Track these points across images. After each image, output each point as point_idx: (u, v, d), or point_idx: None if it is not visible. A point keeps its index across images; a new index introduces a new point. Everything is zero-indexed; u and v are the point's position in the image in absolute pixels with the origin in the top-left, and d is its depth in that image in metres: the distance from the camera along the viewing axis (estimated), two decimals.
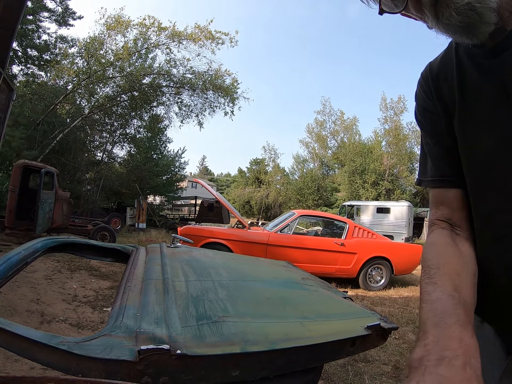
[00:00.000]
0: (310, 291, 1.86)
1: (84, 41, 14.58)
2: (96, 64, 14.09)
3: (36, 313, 3.61)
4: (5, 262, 1.59)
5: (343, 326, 1.45)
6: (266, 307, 1.52)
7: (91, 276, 5.55)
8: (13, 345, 1.02)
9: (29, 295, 4.11)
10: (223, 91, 15.80)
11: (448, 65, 0.77)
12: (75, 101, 15.49)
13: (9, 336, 1.00)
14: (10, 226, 7.13)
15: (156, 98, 16.30)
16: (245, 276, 1.98)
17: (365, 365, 3.17)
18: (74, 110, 15.28)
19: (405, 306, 5.44)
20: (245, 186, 36.84)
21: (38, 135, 12.40)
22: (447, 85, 0.76)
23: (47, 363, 1.02)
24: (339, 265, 6.53)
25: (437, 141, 0.82)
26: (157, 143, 19.56)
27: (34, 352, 1.00)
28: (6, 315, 3.33)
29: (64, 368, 0.99)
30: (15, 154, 10.49)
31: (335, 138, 34.55)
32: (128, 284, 1.56)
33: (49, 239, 2.13)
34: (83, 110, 15.38)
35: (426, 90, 0.82)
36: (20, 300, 3.86)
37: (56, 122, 13.52)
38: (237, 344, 1.10)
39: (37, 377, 0.61)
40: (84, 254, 2.50)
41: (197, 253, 2.46)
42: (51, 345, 0.98)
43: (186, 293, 1.50)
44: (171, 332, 1.10)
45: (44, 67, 14.60)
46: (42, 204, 7.09)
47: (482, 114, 0.69)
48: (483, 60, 0.68)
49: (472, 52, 0.69)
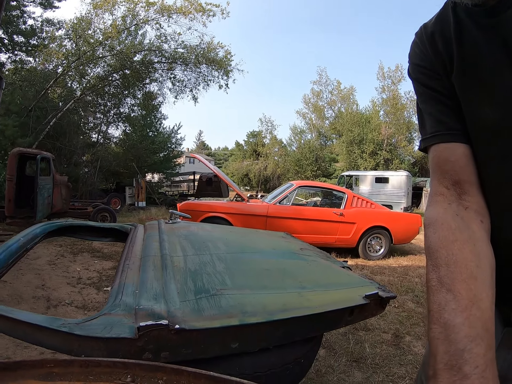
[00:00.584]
0: (308, 261, 1.87)
1: (71, 22, 14.12)
2: (85, 45, 13.72)
3: (42, 298, 3.64)
4: (5, 250, 1.59)
5: (342, 296, 1.46)
6: (265, 278, 1.52)
7: (94, 257, 5.59)
8: (16, 331, 1.03)
9: (34, 282, 4.14)
10: (217, 64, 15.52)
11: (444, 21, 0.72)
12: (66, 84, 15.18)
13: (12, 322, 1.01)
14: (10, 215, 7.12)
15: (148, 75, 15.99)
16: (243, 249, 1.98)
17: (366, 333, 3.24)
18: (65, 93, 14.99)
19: (404, 275, 5.50)
20: (243, 159, 36.73)
21: (31, 122, 12.22)
22: (443, 40, 0.72)
23: (51, 346, 1.03)
24: (339, 235, 6.57)
25: (434, 97, 0.75)
26: (152, 121, 19.37)
27: (38, 336, 1.01)
28: (13, 303, 3.36)
29: (67, 349, 1.00)
30: (9, 143, 10.37)
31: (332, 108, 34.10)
32: (127, 262, 1.56)
33: (48, 223, 2.12)
34: (75, 93, 15.09)
35: (421, 47, 0.77)
36: (26, 287, 3.90)
37: (49, 107, 13.31)
38: (236, 316, 1.11)
39: (36, 360, 0.62)
40: (84, 236, 2.50)
41: (195, 227, 2.46)
42: (53, 328, 0.98)
43: (185, 267, 1.51)
44: (170, 307, 1.11)
45: (32, 53, 14.20)
46: (41, 190, 7.06)
47: (483, 73, 0.66)
48: (483, 19, 0.65)
49: (472, 11, 0.66)
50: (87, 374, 0.62)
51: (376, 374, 2.58)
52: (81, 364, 0.63)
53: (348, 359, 2.75)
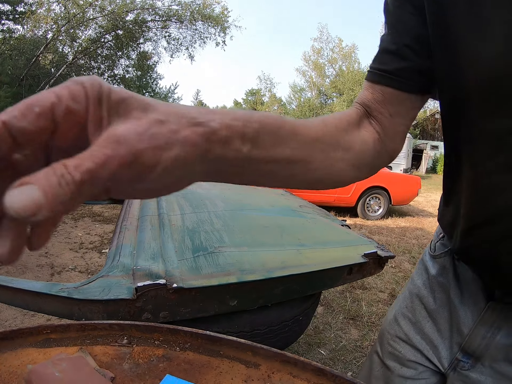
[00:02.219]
0: (307, 219, 1.85)
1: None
2: (74, 7, 13.20)
3: (46, 266, 3.69)
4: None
5: (341, 254, 1.45)
6: (263, 235, 1.51)
7: (95, 222, 5.61)
8: (17, 299, 1.02)
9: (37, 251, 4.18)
10: (213, 21, 15.03)
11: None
12: (57, 49, 14.75)
13: (12, 291, 1.00)
14: None
15: (142, 35, 15.53)
16: (241, 206, 1.96)
17: (363, 292, 3.32)
18: (57, 59, 14.61)
19: (402, 236, 5.56)
20: None
21: (24, 91, 12.02)
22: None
23: (52, 312, 1.02)
24: (338, 194, 6.56)
25: (398, 31, 0.58)
26: (148, 81, 19.03)
27: (38, 303, 1.00)
28: (18, 273, 3.41)
29: (68, 314, 1.00)
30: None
31: (333, 66, 33.26)
32: (124, 223, 1.54)
33: None
34: (66, 57, 14.70)
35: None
36: (29, 256, 3.93)
37: (41, 74, 13.05)
38: (234, 274, 1.10)
39: (33, 327, 0.61)
40: None
41: (192, 185, 2.43)
42: (52, 293, 0.98)
43: (182, 226, 1.49)
44: (168, 267, 1.10)
45: (19, 20, 13.69)
46: None
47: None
48: None
49: None
50: (83, 339, 0.62)
51: (372, 332, 2.67)
52: (77, 329, 0.62)
53: (345, 316, 2.83)
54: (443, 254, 0.76)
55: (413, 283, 0.83)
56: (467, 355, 0.69)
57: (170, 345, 0.62)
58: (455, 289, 0.72)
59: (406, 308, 0.82)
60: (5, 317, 2.61)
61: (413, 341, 0.78)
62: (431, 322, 0.76)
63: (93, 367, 0.55)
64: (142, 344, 0.62)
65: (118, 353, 0.60)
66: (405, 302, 0.83)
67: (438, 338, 0.74)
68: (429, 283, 0.78)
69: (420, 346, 0.77)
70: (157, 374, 0.55)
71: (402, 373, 0.79)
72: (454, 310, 0.71)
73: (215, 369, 0.57)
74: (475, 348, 0.67)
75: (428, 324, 0.76)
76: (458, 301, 0.71)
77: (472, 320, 0.68)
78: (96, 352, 0.59)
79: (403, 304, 0.83)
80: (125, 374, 0.55)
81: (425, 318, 0.77)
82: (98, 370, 0.54)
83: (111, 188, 0.27)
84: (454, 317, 0.71)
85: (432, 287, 0.77)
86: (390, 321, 0.85)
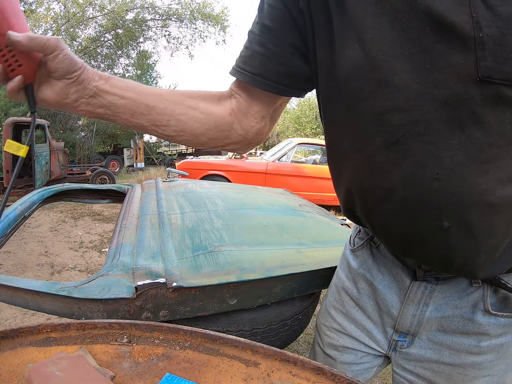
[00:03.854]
0: (307, 218, 1.85)
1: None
2: (74, 6, 13.19)
3: (46, 265, 3.69)
4: (3, 220, 1.56)
5: (340, 253, 1.44)
6: (263, 234, 1.50)
7: (94, 221, 5.62)
8: (16, 298, 1.02)
9: (37, 249, 4.18)
10: (213, 20, 15.02)
11: None
12: None
13: (11, 290, 1.00)
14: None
15: (142, 34, 15.54)
16: (241, 205, 1.95)
17: None
18: None
19: None
20: None
21: None
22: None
23: (52, 310, 1.02)
24: None
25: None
26: (147, 80, 19.00)
27: (38, 302, 1.00)
28: (18, 272, 3.42)
29: (68, 313, 0.99)
30: (3, 114, 10.21)
31: None
32: (124, 222, 1.54)
33: (44, 189, 2.09)
34: None
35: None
36: (29, 255, 3.94)
37: None
38: (234, 273, 1.10)
39: (33, 326, 0.61)
40: (82, 199, 2.48)
41: (192, 185, 2.42)
42: (52, 292, 0.97)
43: (182, 225, 1.49)
44: (167, 265, 1.10)
45: None
46: (38, 158, 6.99)
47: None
48: None
49: None
50: (83, 337, 0.62)
51: None
52: (77, 328, 0.63)
53: None
54: (361, 247, 0.80)
55: (337, 277, 0.88)
56: (403, 334, 0.72)
57: (170, 344, 0.62)
58: (377, 275, 0.75)
59: (336, 301, 0.86)
60: (5, 316, 2.61)
61: (347, 330, 0.81)
62: (360, 311, 0.79)
63: (93, 366, 0.55)
64: (142, 343, 0.62)
65: (118, 352, 0.60)
66: (333, 295, 0.87)
67: (370, 324, 0.77)
68: (352, 275, 0.82)
69: (355, 334, 0.80)
70: (157, 372, 0.56)
71: (343, 360, 0.82)
72: (380, 296, 0.74)
73: (215, 367, 0.57)
74: (409, 327, 0.70)
75: (358, 313, 0.80)
76: (382, 286, 0.73)
77: (399, 301, 0.70)
78: (96, 351, 0.59)
79: (332, 297, 0.88)
80: (125, 372, 0.55)
81: (353, 308, 0.81)
82: (98, 369, 0.54)
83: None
84: (382, 302, 0.74)
85: (354, 278, 0.81)
86: (323, 313, 0.90)
